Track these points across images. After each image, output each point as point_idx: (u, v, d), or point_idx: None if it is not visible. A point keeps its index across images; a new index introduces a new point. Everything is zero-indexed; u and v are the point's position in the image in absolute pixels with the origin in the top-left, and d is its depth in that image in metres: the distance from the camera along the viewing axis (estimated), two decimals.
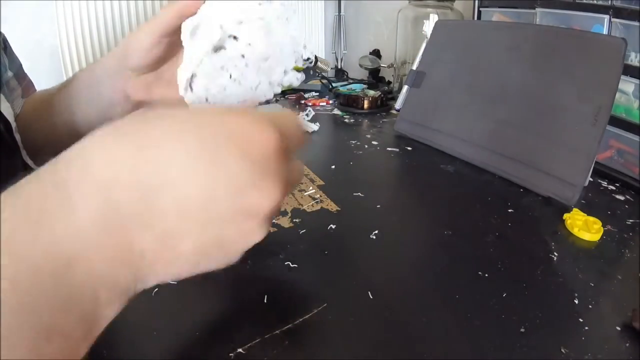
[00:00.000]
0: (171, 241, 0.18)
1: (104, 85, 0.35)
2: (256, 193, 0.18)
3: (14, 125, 0.37)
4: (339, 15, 1.39)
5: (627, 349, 0.27)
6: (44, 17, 1.02)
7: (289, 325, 0.28)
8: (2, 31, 0.43)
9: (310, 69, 1.00)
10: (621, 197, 0.49)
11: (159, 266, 0.18)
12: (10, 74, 0.43)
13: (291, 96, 0.97)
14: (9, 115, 0.36)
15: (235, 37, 0.27)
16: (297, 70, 0.30)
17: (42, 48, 1.04)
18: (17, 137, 0.37)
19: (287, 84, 0.31)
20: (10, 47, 0.44)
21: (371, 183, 0.51)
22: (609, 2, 0.54)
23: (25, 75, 0.47)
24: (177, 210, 0.17)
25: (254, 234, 0.19)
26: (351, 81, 1.05)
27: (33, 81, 0.48)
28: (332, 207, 0.44)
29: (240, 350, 0.25)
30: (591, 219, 0.41)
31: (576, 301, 0.31)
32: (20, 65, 0.46)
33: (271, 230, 0.39)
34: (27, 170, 0.38)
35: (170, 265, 0.18)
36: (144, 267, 0.18)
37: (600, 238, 0.40)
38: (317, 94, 0.98)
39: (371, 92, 0.86)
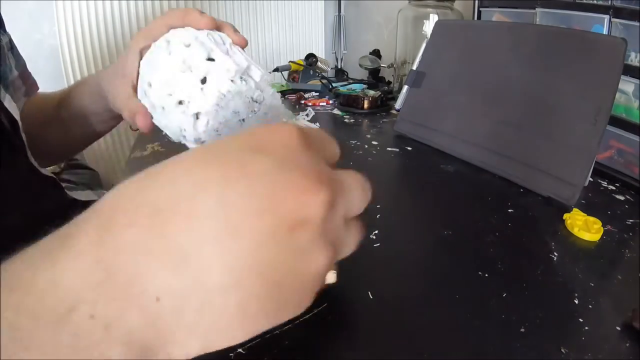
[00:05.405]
0: (196, 275, 0.14)
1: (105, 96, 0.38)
2: (288, 192, 0.15)
3: (20, 124, 0.37)
4: (339, 15, 1.39)
5: (627, 349, 0.27)
6: (44, 17, 1.02)
7: (289, 325, 0.27)
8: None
9: (310, 69, 1.00)
10: (621, 197, 0.49)
11: (189, 313, 0.14)
12: (15, 73, 0.43)
13: (291, 96, 0.97)
14: (16, 114, 0.36)
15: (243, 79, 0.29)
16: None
17: (42, 48, 1.04)
18: (23, 136, 0.37)
19: None
20: (15, 47, 0.44)
21: (371, 183, 0.51)
22: (609, 2, 0.54)
23: (29, 74, 0.47)
24: (194, 232, 0.14)
25: (309, 253, 0.16)
26: (351, 81, 1.05)
27: None
28: None
29: (240, 350, 0.25)
30: (591, 219, 0.41)
31: (576, 301, 0.31)
32: (25, 64, 0.46)
33: None
34: (31, 171, 0.38)
35: (208, 311, 0.15)
36: (166, 317, 0.14)
37: (600, 238, 0.40)
38: (317, 94, 0.98)
39: (371, 92, 0.86)
